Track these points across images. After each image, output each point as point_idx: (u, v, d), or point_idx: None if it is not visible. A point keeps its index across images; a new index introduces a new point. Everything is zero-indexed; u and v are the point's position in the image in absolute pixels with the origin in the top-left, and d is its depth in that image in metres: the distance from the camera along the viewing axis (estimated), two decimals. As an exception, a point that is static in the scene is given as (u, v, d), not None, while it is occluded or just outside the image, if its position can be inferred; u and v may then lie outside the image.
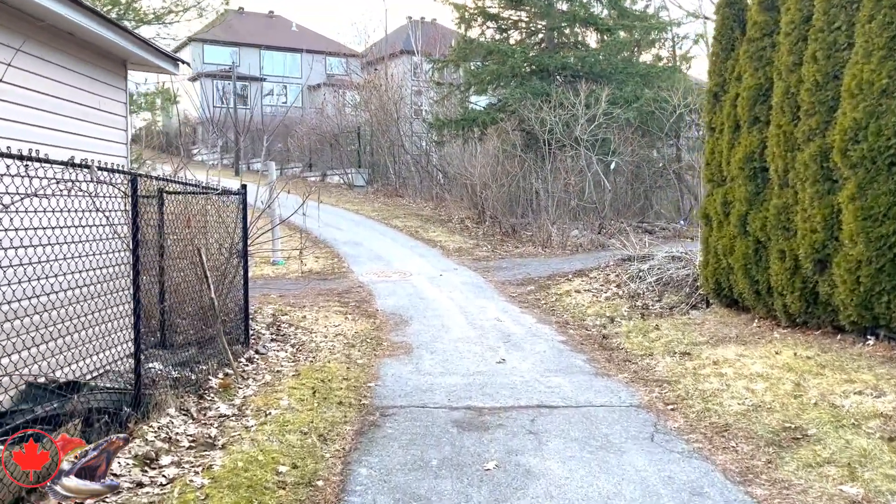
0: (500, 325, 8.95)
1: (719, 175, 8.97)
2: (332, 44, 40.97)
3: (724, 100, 8.97)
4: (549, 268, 13.46)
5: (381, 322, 9.19)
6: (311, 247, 15.28)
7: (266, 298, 10.47)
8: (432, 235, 17.12)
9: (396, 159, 26.39)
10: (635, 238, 14.07)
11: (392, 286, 11.61)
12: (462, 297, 10.82)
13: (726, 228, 8.66)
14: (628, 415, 5.18)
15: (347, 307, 10.01)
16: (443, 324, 9.00)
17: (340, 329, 8.61)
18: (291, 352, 7.40)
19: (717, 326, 8.31)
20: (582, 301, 10.64)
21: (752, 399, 5.15)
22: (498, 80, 20.76)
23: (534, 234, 17.19)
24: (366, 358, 7.13)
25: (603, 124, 17.92)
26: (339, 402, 5.35)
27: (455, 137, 21.41)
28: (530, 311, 10.07)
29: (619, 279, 11.84)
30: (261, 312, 9.32)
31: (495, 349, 7.59)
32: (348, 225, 18.29)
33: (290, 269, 13.09)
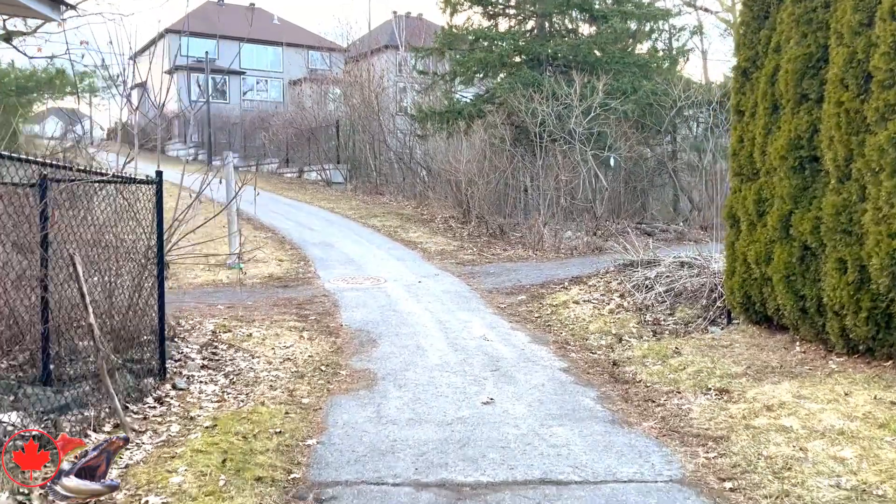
0: (488, 346, 7.41)
1: (750, 167, 7.48)
2: (315, 38, 39.25)
3: (756, 77, 7.49)
4: (542, 274, 11.94)
5: (344, 341, 7.61)
6: (276, 248, 13.66)
7: (211, 310, 8.87)
8: (413, 236, 15.55)
9: (378, 155, 24.79)
10: (637, 241, 12.56)
11: (362, 295, 10.03)
12: (443, 309, 9.26)
13: (760, 231, 7.17)
14: (671, 499, 3.64)
15: (306, 322, 8.42)
16: (418, 344, 7.44)
17: (292, 351, 7.02)
18: (222, 385, 5.81)
19: (751, 350, 6.81)
20: (582, 314, 9.12)
21: (848, 477, 3.63)
22: (485, 68, 19.22)
23: (524, 236, 15.67)
24: (314, 395, 5.55)
25: (600, 116, 16.43)
26: (258, 477, 3.77)
27: (439, 131, 19.85)
28: (522, 327, 8.53)
29: (622, 288, 10.33)
30: (199, 329, 7.71)
31: (481, 381, 6.04)
32: (321, 224, 16.68)
33: (250, 274, 11.47)
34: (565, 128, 16.38)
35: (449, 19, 19.75)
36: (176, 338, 6.97)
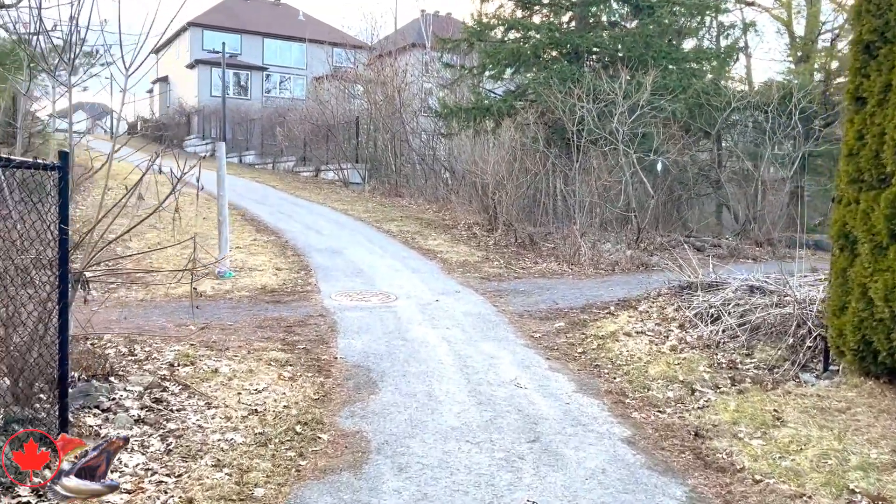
0: (521, 397, 5.65)
1: (875, 171, 5.65)
2: (340, 34, 37.75)
3: (885, 53, 5.67)
4: (582, 294, 10.15)
5: (335, 383, 5.90)
6: (276, 254, 12.02)
7: (180, 332, 7.22)
8: (432, 244, 13.82)
9: (399, 155, 23.11)
10: (694, 257, 10.67)
11: (367, 317, 8.33)
12: (464, 339, 7.53)
13: (894, 258, 5.34)
14: None
15: (292, 352, 6.73)
16: (430, 391, 5.70)
17: (263, 399, 5.33)
18: (152, 455, 4.13)
19: (884, 420, 4.98)
20: (637, 350, 7.33)
21: None
22: (518, 61, 17.45)
23: (556, 247, 13.88)
24: (273, 482, 3.85)
25: (647, 114, 14.57)
26: None
27: (465, 129, 18.10)
28: (564, 367, 6.76)
29: (680, 317, 8.53)
30: (154, 359, 6.06)
31: (515, 463, 4.28)
32: (331, 228, 15.02)
33: (239, 285, 9.82)
34: (606, 128, 14.57)
35: (479, 7, 18.05)
36: (113, 375, 5.31)
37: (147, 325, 7.37)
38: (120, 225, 5.41)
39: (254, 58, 48.45)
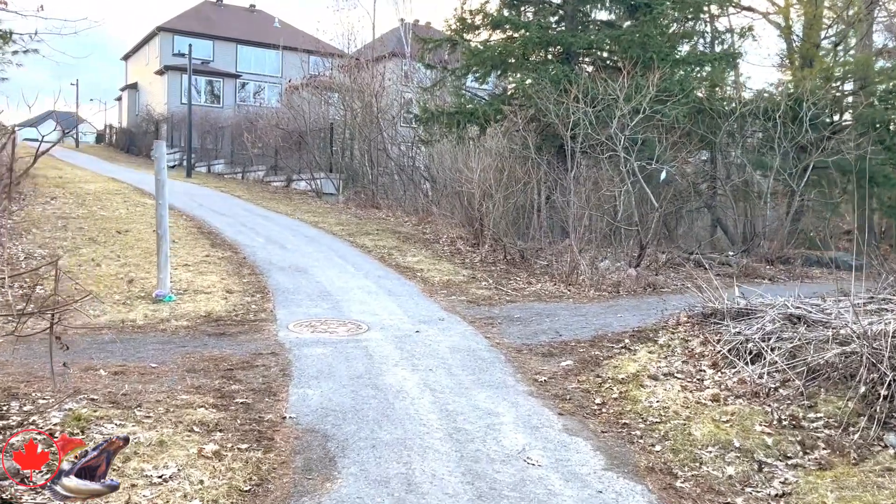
0: (536, 485, 4.08)
1: None
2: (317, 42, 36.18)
3: None
4: (588, 321, 8.64)
5: (278, 461, 4.28)
6: (230, 273, 10.35)
7: (86, 378, 5.56)
8: (411, 261, 12.24)
9: (376, 164, 21.55)
10: (715, 279, 9.18)
11: (330, 354, 6.70)
12: (451, 386, 5.95)
13: None
14: None
15: (227, 409, 5.09)
16: (409, 476, 4.11)
17: (168, 491, 3.70)
18: None
19: None
20: (669, 401, 5.80)
21: None
22: (505, 62, 16.01)
23: (551, 264, 12.37)
24: None
25: (649, 118, 13.17)
26: None
27: (447, 135, 16.58)
28: (583, 427, 5.20)
29: (710, 352, 7.07)
30: (36, 423, 4.40)
31: None
32: (298, 242, 13.37)
33: (178, 312, 8.14)
34: (603, 133, 13.13)
35: (462, 3, 16.57)
36: (-53, 461, 3.64)
37: (43, 370, 5.69)
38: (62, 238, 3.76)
39: (227, 65, 46.71)
